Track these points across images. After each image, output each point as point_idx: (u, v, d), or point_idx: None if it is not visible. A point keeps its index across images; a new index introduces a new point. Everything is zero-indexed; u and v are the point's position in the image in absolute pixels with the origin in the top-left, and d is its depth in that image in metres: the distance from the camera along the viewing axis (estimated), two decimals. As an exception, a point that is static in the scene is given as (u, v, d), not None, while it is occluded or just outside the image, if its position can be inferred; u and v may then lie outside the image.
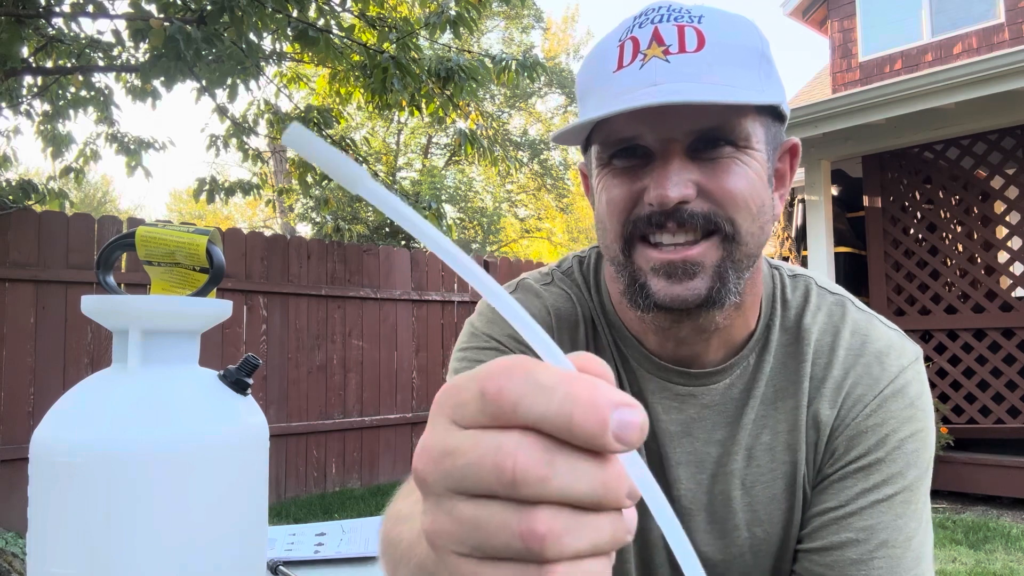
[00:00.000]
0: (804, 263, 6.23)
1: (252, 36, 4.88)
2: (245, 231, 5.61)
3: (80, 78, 5.52)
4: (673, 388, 0.81)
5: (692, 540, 0.82)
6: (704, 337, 0.78)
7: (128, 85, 5.63)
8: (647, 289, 0.72)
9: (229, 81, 5.34)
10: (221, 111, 5.82)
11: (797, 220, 6.69)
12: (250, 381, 0.64)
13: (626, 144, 0.72)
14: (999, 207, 5.55)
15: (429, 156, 18.94)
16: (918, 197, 5.85)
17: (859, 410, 0.78)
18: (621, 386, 0.83)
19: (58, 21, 5.16)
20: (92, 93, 5.73)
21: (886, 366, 0.79)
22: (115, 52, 5.41)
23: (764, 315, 0.83)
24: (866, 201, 6.01)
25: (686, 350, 0.80)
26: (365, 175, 0.28)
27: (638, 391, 0.83)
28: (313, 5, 5.12)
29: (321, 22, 5.28)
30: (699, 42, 0.69)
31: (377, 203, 0.28)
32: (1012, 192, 5.44)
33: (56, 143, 5.92)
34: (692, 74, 0.68)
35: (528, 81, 5.69)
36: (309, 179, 6.23)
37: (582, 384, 0.27)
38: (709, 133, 0.70)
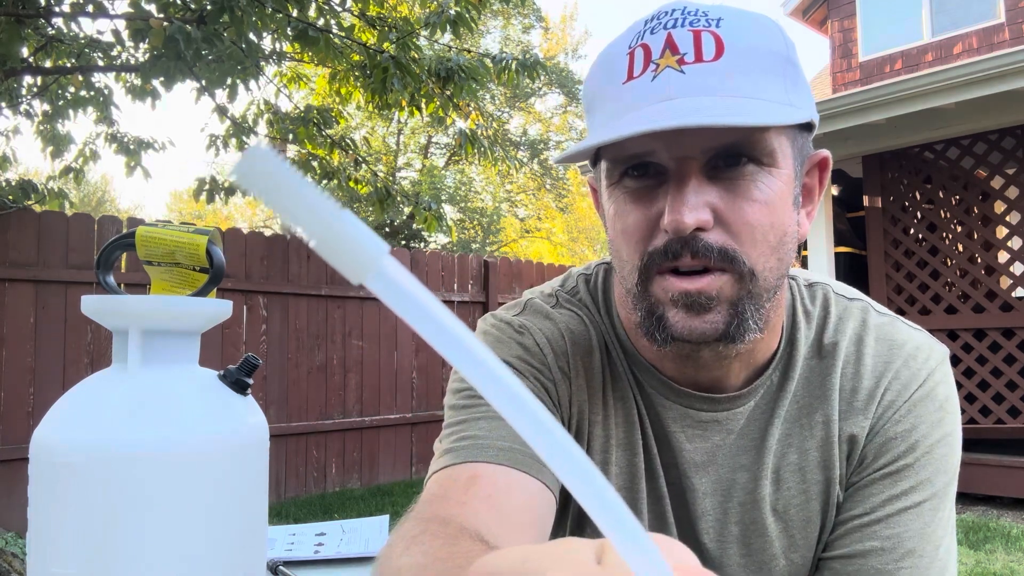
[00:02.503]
0: (804, 263, 6.23)
1: (252, 36, 4.88)
2: (245, 231, 5.60)
3: (80, 78, 5.52)
4: (695, 415, 0.77)
5: None
6: (725, 362, 0.74)
7: (128, 85, 5.63)
8: (664, 321, 0.67)
9: (229, 81, 5.34)
10: (221, 111, 5.82)
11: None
12: (250, 381, 0.64)
13: (638, 161, 0.66)
14: (999, 207, 5.54)
15: (429, 156, 18.94)
16: (918, 197, 5.85)
17: (890, 415, 0.75)
18: (640, 417, 0.79)
19: (58, 21, 5.16)
20: (92, 93, 5.73)
21: (915, 369, 0.76)
22: (115, 52, 5.40)
23: (786, 331, 0.79)
24: (866, 201, 6.01)
25: (706, 375, 0.75)
26: (379, 250, 0.19)
27: (657, 420, 0.78)
28: (313, 5, 5.12)
29: (321, 22, 5.27)
30: (717, 49, 0.63)
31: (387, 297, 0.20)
32: (1012, 192, 5.44)
33: (56, 143, 5.91)
34: (710, 86, 0.62)
35: (528, 81, 5.68)
36: (309, 179, 6.23)
37: None
38: (729, 149, 0.64)
